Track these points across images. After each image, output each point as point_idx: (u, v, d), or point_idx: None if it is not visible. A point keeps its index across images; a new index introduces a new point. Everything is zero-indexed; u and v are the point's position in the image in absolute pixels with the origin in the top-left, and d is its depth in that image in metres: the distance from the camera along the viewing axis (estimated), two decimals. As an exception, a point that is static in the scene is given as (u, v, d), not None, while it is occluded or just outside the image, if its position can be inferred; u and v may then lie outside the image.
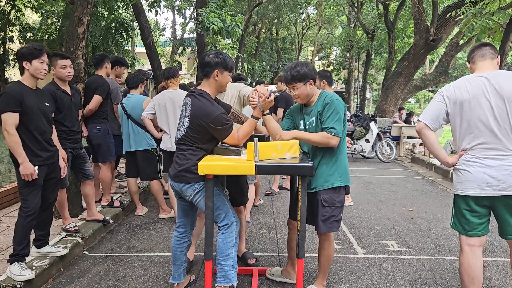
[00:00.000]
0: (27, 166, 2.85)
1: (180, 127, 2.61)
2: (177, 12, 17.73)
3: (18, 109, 2.83)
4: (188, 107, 2.55)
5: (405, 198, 5.99)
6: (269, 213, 5.07)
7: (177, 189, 2.63)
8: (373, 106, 25.33)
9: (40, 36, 12.30)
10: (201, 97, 2.54)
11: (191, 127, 2.52)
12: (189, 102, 2.56)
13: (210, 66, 2.52)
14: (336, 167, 2.70)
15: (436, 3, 11.21)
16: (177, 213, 2.84)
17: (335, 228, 2.76)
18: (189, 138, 2.54)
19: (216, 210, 2.58)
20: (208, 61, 2.52)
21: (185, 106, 2.60)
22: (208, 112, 2.47)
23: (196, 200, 2.59)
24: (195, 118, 2.49)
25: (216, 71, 2.53)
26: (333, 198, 2.69)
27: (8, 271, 2.93)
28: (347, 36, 20.71)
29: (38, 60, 2.91)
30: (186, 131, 2.54)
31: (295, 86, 2.67)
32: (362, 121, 9.70)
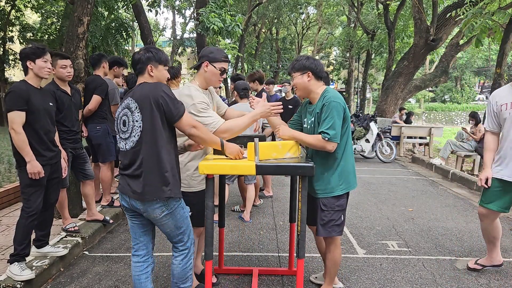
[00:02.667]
0: (34, 165, 2.85)
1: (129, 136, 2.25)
2: (177, 12, 17.73)
3: (25, 107, 2.84)
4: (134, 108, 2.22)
5: (405, 198, 5.99)
6: (269, 213, 5.07)
7: (136, 209, 2.28)
8: (373, 106, 25.32)
9: (40, 36, 12.29)
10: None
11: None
12: (132, 103, 2.24)
13: (142, 62, 2.32)
14: (337, 174, 2.63)
15: (436, 3, 11.21)
16: (132, 234, 2.43)
17: (335, 232, 2.69)
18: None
19: (180, 233, 2.38)
20: (139, 58, 2.32)
21: (129, 110, 2.25)
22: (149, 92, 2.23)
23: (172, 225, 2.32)
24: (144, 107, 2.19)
25: (150, 66, 2.32)
26: (332, 202, 2.65)
27: (8, 271, 2.93)
28: (347, 36, 20.69)
29: (41, 59, 2.91)
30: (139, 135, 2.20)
31: (293, 75, 2.69)
32: (362, 121, 9.70)
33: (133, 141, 2.20)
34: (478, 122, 8.26)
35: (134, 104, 2.19)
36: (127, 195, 2.25)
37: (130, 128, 2.20)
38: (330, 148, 2.53)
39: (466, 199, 5.99)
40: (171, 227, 2.31)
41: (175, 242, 2.40)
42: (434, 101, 39.71)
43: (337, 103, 2.54)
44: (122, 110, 2.27)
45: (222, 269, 3.31)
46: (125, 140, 2.24)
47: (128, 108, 2.22)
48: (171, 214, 2.27)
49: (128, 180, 2.23)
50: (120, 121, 2.27)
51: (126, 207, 2.32)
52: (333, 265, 2.83)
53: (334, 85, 32.61)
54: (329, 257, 2.82)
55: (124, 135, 2.24)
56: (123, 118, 2.25)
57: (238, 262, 3.58)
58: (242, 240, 4.12)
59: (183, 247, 2.41)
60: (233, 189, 5.70)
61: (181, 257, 2.42)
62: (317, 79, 2.68)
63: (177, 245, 2.41)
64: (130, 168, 2.22)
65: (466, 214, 5.20)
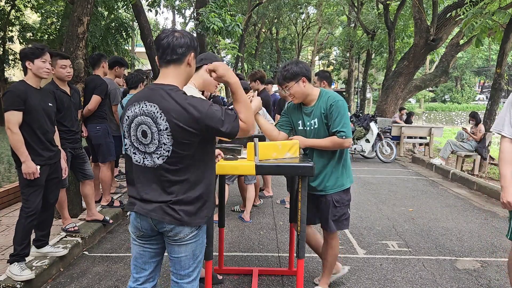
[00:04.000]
0: (29, 165, 2.85)
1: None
2: (177, 12, 17.73)
3: (22, 107, 2.84)
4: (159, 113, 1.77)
5: (405, 198, 5.99)
6: (269, 213, 5.07)
7: (157, 228, 1.86)
8: (373, 106, 25.31)
9: (40, 36, 12.28)
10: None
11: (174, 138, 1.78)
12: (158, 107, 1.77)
13: (187, 47, 1.83)
14: (343, 168, 2.72)
15: (436, 3, 11.20)
16: (139, 264, 1.97)
17: (345, 226, 2.80)
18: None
19: (194, 263, 1.94)
20: (185, 42, 1.83)
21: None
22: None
23: (183, 242, 1.88)
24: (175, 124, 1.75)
25: (192, 54, 1.87)
26: (343, 198, 2.73)
27: (8, 271, 2.93)
28: (347, 36, 20.69)
29: (40, 60, 2.91)
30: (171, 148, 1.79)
31: (288, 85, 2.64)
32: (362, 121, 9.70)
33: (154, 162, 1.81)
34: (478, 122, 8.25)
35: (165, 123, 1.74)
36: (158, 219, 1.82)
37: (154, 146, 1.78)
38: (347, 145, 2.62)
39: (466, 199, 5.99)
40: (189, 252, 1.91)
41: (183, 276, 1.93)
42: (434, 101, 39.72)
43: (342, 102, 2.64)
44: (142, 115, 1.79)
45: (222, 269, 3.31)
46: (145, 155, 1.81)
47: (153, 120, 1.76)
48: (196, 237, 1.91)
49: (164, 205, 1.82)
50: (137, 128, 1.82)
51: (143, 231, 1.89)
52: (334, 259, 2.90)
53: (334, 85, 32.57)
54: (331, 252, 2.86)
55: (143, 148, 1.81)
56: (142, 127, 1.79)
57: (238, 262, 3.58)
58: (242, 240, 4.11)
59: (189, 284, 1.95)
60: (233, 189, 5.70)
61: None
62: (309, 81, 2.71)
63: (183, 282, 1.94)
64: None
65: (466, 214, 5.20)
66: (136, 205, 1.86)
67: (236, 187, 5.41)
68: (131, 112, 1.83)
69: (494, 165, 8.63)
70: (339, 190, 2.71)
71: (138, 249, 1.96)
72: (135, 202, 1.87)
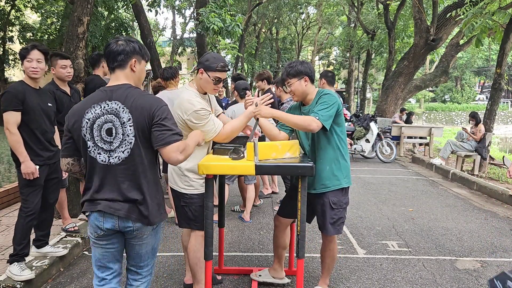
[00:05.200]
0: (28, 165, 2.85)
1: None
2: (177, 12, 17.74)
3: (20, 108, 2.84)
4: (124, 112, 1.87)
5: (405, 198, 5.99)
6: (269, 213, 5.07)
7: (119, 228, 1.90)
8: (373, 106, 25.31)
9: (40, 36, 12.30)
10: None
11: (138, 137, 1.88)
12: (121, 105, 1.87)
13: (126, 54, 1.93)
14: (340, 167, 2.69)
15: (436, 3, 11.20)
16: (102, 264, 1.99)
17: (341, 230, 2.78)
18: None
19: (153, 256, 2.08)
20: (123, 49, 1.93)
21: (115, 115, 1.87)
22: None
23: (145, 239, 1.98)
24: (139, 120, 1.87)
25: (134, 60, 1.96)
26: (341, 200, 2.70)
27: (8, 271, 2.92)
28: (347, 36, 20.69)
29: (26, 60, 2.90)
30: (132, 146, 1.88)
31: (289, 82, 2.67)
32: (362, 121, 9.70)
33: (118, 157, 1.87)
34: (478, 122, 8.25)
35: (128, 115, 1.85)
36: (119, 217, 1.88)
37: (118, 141, 1.86)
38: (314, 127, 2.47)
39: (466, 199, 5.99)
40: (149, 248, 2.02)
41: (142, 266, 2.04)
42: (434, 101, 39.74)
43: (333, 96, 2.62)
44: (105, 115, 1.87)
45: (222, 269, 3.30)
46: (109, 153, 1.87)
47: (116, 116, 1.86)
48: (156, 233, 2.03)
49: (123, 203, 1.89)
50: (100, 128, 1.87)
51: (104, 231, 1.91)
52: (332, 261, 2.90)
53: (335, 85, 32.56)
54: (330, 254, 2.86)
55: (107, 146, 1.87)
56: (107, 125, 1.86)
57: (238, 262, 3.58)
58: (242, 240, 4.11)
59: (147, 272, 2.08)
60: (233, 189, 5.70)
61: (145, 283, 2.09)
62: (312, 82, 2.72)
63: (142, 270, 2.06)
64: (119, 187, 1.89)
65: (466, 214, 5.20)
66: (100, 204, 1.88)
67: (236, 187, 5.41)
68: (91, 115, 1.88)
69: (494, 165, 8.63)
70: (335, 189, 2.67)
71: (100, 251, 1.98)
72: (99, 202, 1.89)
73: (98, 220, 1.90)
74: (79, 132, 1.90)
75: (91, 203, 1.91)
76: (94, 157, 1.89)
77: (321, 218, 2.74)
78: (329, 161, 2.67)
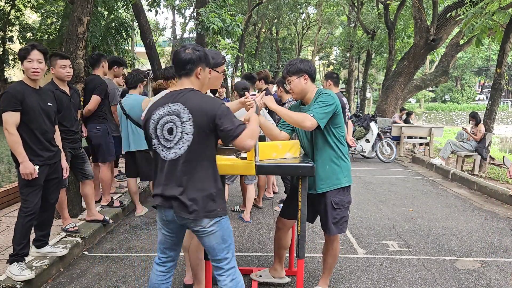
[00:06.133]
0: (26, 166, 2.84)
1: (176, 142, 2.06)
2: (177, 12, 17.74)
3: (19, 108, 2.83)
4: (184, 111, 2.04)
5: (405, 198, 5.99)
6: (269, 213, 5.07)
7: (178, 220, 2.09)
8: (373, 106, 25.30)
9: (40, 36, 12.29)
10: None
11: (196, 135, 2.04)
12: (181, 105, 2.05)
13: (192, 63, 2.09)
14: (339, 166, 2.69)
15: (437, 3, 11.20)
16: (161, 246, 2.25)
17: (345, 229, 2.78)
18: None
19: (226, 247, 2.14)
20: (190, 57, 2.08)
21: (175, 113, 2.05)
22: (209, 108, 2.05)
23: (209, 232, 2.09)
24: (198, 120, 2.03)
25: (200, 68, 2.12)
26: (342, 200, 2.70)
27: (7, 271, 2.92)
28: (347, 36, 20.68)
29: (26, 60, 2.89)
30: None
31: (289, 79, 2.68)
32: (362, 121, 9.70)
33: (175, 153, 2.04)
34: (478, 122, 8.25)
35: (188, 115, 2.01)
36: (174, 210, 2.06)
37: (177, 138, 2.04)
38: (308, 124, 2.49)
39: (466, 199, 5.99)
40: (218, 239, 2.10)
41: (219, 260, 2.14)
42: (434, 101, 39.73)
43: (331, 96, 2.60)
44: (167, 115, 2.05)
45: (222, 269, 3.30)
46: (168, 150, 2.06)
47: (177, 116, 2.03)
48: (218, 225, 2.10)
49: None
50: (162, 127, 2.06)
51: (167, 221, 2.13)
52: (334, 261, 2.90)
53: (334, 85, 32.50)
54: (333, 254, 2.86)
55: (168, 144, 2.06)
56: (168, 125, 2.05)
57: (238, 262, 3.56)
58: (242, 240, 4.11)
59: (228, 265, 2.15)
60: (233, 189, 5.70)
61: (229, 278, 2.14)
62: (312, 81, 2.72)
63: (221, 264, 2.14)
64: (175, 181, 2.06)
65: (466, 214, 5.20)
66: (158, 199, 2.09)
67: (236, 187, 5.41)
68: (156, 116, 2.09)
69: (494, 165, 8.63)
70: (336, 188, 2.67)
71: (160, 236, 2.23)
72: (157, 197, 2.10)
73: (161, 213, 2.13)
74: (148, 129, 2.12)
75: (154, 198, 2.13)
76: (158, 153, 2.10)
77: (323, 218, 2.74)
78: (328, 160, 2.67)
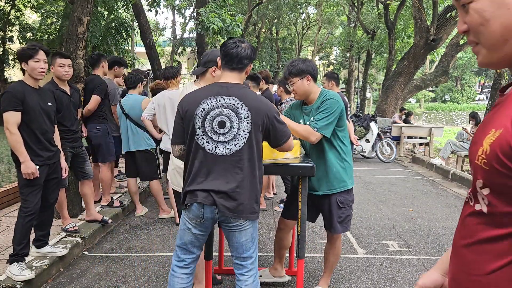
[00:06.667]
0: (28, 165, 2.84)
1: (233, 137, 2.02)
2: (177, 12, 17.73)
3: (20, 108, 2.84)
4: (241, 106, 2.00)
5: (405, 198, 5.99)
6: (269, 213, 5.07)
7: (218, 218, 2.04)
8: (373, 106, 25.29)
9: (40, 36, 12.29)
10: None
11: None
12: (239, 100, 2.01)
13: (249, 58, 2.10)
14: (345, 168, 2.69)
15: (437, 3, 11.20)
16: (189, 246, 2.14)
17: (349, 227, 2.80)
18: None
19: (254, 246, 2.14)
20: (250, 54, 2.10)
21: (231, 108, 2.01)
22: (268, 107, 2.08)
23: (244, 228, 2.07)
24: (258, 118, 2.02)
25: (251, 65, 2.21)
26: (347, 199, 2.72)
27: (7, 271, 2.92)
28: (347, 36, 20.67)
29: (33, 60, 2.90)
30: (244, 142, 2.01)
31: (292, 81, 2.67)
32: (362, 121, 9.70)
33: (230, 149, 1.99)
34: (478, 122, 8.25)
35: (246, 112, 1.99)
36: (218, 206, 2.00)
37: (232, 134, 1.99)
38: (313, 139, 2.53)
39: (466, 199, 5.98)
40: (249, 236, 2.09)
41: (245, 258, 2.12)
42: (434, 101, 39.71)
43: (336, 101, 2.59)
44: (220, 108, 2.00)
45: (222, 269, 3.30)
46: (217, 143, 2.00)
47: (233, 111, 1.99)
48: (253, 221, 2.11)
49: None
50: (213, 119, 2.00)
51: (204, 218, 2.04)
52: (336, 259, 2.91)
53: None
54: (335, 252, 2.87)
55: (216, 137, 2.00)
56: (220, 118, 2.00)
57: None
58: (242, 240, 4.11)
59: (252, 265, 2.14)
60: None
61: (252, 279, 2.13)
62: (314, 81, 2.71)
63: (246, 263, 2.13)
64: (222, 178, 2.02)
65: (466, 214, 5.19)
66: (199, 196, 2.00)
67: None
68: (206, 105, 2.01)
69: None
70: (342, 190, 2.68)
71: (190, 236, 2.10)
72: (198, 194, 2.00)
73: (199, 210, 2.02)
74: (191, 119, 2.02)
75: (192, 194, 2.03)
76: (202, 145, 2.01)
77: (328, 217, 2.74)
78: (335, 163, 2.66)
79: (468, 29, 0.84)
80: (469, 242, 0.87)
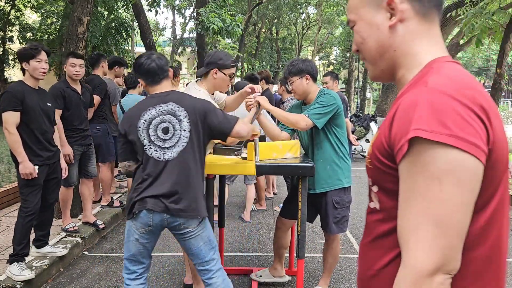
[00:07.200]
0: (26, 165, 2.85)
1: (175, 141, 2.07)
2: (177, 12, 17.74)
3: (19, 108, 2.84)
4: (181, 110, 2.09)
5: (405, 198, 5.98)
6: (269, 213, 5.07)
7: (167, 224, 2.04)
8: (373, 106, 25.31)
9: (40, 36, 12.29)
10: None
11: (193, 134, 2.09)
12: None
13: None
14: (340, 167, 2.68)
15: (436, 3, 11.19)
16: (138, 257, 2.10)
17: (345, 228, 2.78)
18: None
19: (213, 248, 2.13)
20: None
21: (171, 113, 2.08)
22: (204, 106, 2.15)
23: (197, 233, 2.07)
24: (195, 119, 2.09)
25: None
26: (343, 199, 2.70)
27: (8, 271, 2.93)
28: (347, 36, 20.70)
29: (35, 60, 2.90)
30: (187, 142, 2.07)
31: (291, 80, 2.68)
32: (362, 121, 9.70)
33: (177, 151, 2.03)
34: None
35: (184, 112, 2.05)
36: (165, 212, 2.00)
37: (176, 137, 2.03)
38: (302, 125, 2.51)
39: (466, 199, 5.98)
40: (205, 239, 2.09)
41: (207, 262, 2.10)
42: (434, 101, 39.68)
43: (332, 97, 2.59)
44: (161, 115, 2.05)
45: (222, 269, 3.30)
46: (164, 150, 2.03)
47: (172, 115, 2.05)
48: (204, 224, 2.10)
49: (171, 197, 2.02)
50: (157, 127, 2.04)
51: (152, 226, 2.02)
52: (334, 261, 2.91)
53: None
54: (333, 253, 2.86)
55: (163, 144, 2.04)
56: (163, 125, 2.04)
57: (238, 262, 3.58)
58: (242, 240, 4.11)
59: (216, 266, 2.12)
60: (233, 189, 5.70)
61: (220, 279, 2.12)
62: (314, 80, 2.72)
63: (210, 266, 2.11)
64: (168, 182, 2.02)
65: (466, 214, 5.19)
66: (148, 203, 1.99)
67: (236, 187, 5.42)
68: (147, 116, 2.05)
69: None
70: (336, 188, 2.67)
71: (138, 247, 2.07)
72: (147, 200, 2.00)
73: (148, 217, 2.01)
74: (135, 133, 2.05)
75: (141, 202, 2.02)
76: (151, 155, 2.04)
77: (324, 217, 2.73)
78: (329, 161, 2.66)
79: (357, 48, 0.98)
80: (369, 240, 0.92)
